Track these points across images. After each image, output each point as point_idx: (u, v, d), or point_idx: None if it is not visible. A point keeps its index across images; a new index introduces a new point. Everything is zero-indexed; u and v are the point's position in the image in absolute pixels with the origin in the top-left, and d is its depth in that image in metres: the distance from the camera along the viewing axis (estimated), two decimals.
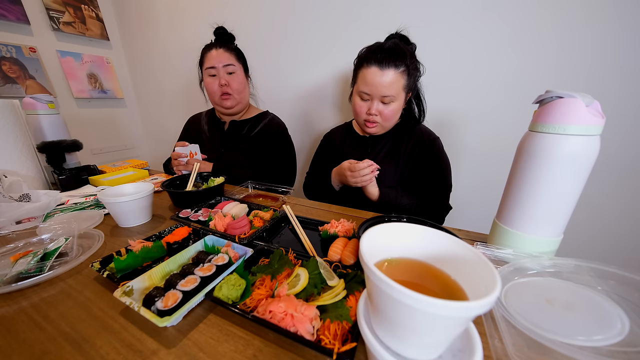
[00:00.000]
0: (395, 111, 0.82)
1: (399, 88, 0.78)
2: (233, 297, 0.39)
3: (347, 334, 0.33)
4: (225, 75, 1.07)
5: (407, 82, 0.79)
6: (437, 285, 0.28)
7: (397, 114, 0.84)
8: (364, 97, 0.83)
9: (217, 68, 1.05)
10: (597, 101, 0.41)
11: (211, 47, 1.07)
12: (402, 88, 0.78)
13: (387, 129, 0.90)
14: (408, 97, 0.85)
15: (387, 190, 0.82)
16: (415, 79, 0.82)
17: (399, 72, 0.76)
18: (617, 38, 0.82)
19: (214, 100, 1.12)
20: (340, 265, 0.47)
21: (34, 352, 0.33)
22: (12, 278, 0.45)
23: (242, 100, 1.14)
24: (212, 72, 1.06)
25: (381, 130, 0.89)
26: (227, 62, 1.06)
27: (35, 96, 1.01)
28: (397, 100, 0.80)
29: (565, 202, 0.46)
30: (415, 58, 0.80)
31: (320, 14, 1.26)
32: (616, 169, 0.91)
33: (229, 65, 1.07)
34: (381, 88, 0.77)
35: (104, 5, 1.95)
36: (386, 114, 0.81)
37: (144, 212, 0.69)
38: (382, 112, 0.82)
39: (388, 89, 0.77)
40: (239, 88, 1.10)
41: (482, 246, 0.53)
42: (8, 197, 0.70)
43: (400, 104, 0.82)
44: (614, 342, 0.31)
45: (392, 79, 0.76)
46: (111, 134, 2.15)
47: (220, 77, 1.06)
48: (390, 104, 0.80)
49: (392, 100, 0.79)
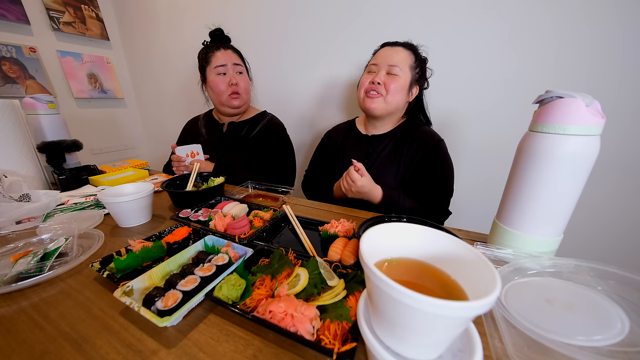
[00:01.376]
0: (399, 87, 0.83)
1: (407, 64, 0.82)
2: (233, 297, 0.39)
3: (347, 334, 0.33)
4: (236, 75, 1.07)
5: (415, 65, 0.84)
6: (437, 285, 0.28)
7: (400, 93, 0.84)
8: (372, 69, 0.87)
9: (227, 66, 1.04)
10: (597, 101, 0.41)
11: (217, 47, 1.06)
12: (410, 67, 0.82)
13: (389, 108, 0.86)
14: (414, 91, 0.87)
15: (391, 192, 0.81)
16: (421, 76, 0.86)
17: (408, 52, 0.83)
18: (617, 37, 0.82)
19: (221, 99, 1.08)
20: (340, 265, 0.47)
21: (34, 352, 0.33)
22: (12, 278, 0.45)
23: (247, 101, 1.15)
24: (221, 71, 1.05)
25: (382, 107, 0.86)
26: (236, 61, 1.07)
27: (35, 96, 1.01)
28: (402, 75, 0.82)
29: (565, 202, 0.46)
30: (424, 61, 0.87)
31: (320, 13, 1.26)
32: (616, 168, 0.91)
33: (238, 65, 1.07)
34: (389, 58, 0.83)
35: (104, 5, 1.95)
36: (390, 86, 0.82)
37: (144, 212, 0.69)
38: (386, 84, 0.83)
39: (396, 59, 0.82)
40: (246, 88, 1.11)
41: (482, 246, 0.53)
42: (8, 197, 0.70)
43: (405, 84, 0.83)
44: (614, 342, 0.31)
45: (401, 54, 0.82)
46: (111, 134, 2.15)
47: (230, 76, 1.05)
48: (395, 78, 0.82)
49: (398, 73, 0.82)
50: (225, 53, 1.05)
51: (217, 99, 1.10)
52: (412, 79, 0.85)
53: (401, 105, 0.88)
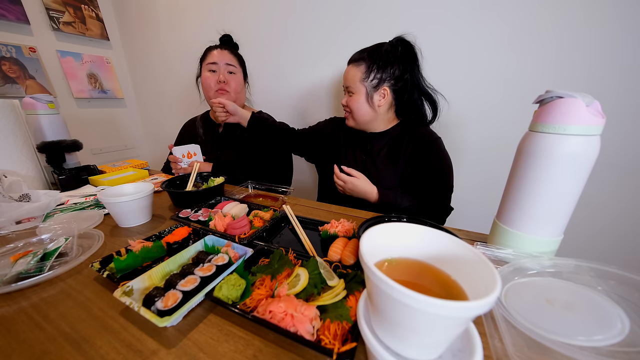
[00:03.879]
0: (358, 105, 0.88)
1: (356, 80, 0.86)
2: (233, 297, 0.39)
3: (347, 334, 0.33)
4: (226, 73, 1.07)
5: (366, 75, 0.84)
6: (437, 285, 0.28)
7: (362, 107, 0.88)
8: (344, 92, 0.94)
9: (218, 64, 1.05)
10: (597, 101, 0.41)
11: (215, 46, 1.08)
12: (360, 80, 0.85)
13: (359, 123, 0.93)
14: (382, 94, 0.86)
15: (387, 192, 0.82)
16: (382, 78, 0.85)
17: (355, 67, 0.86)
18: (617, 37, 0.82)
19: (208, 95, 1.09)
20: (340, 265, 0.47)
21: (34, 352, 0.33)
22: (12, 278, 0.45)
23: (237, 101, 1.14)
24: (212, 68, 1.06)
25: (353, 123, 0.95)
26: (229, 61, 1.07)
27: (35, 96, 1.00)
28: (356, 92, 0.87)
29: (565, 202, 0.45)
30: (380, 60, 0.84)
31: (321, 12, 1.26)
32: (616, 168, 0.91)
33: (231, 65, 1.08)
34: (344, 80, 0.91)
35: (104, 5, 1.95)
36: (351, 106, 0.90)
37: (144, 212, 0.69)
38: (348, 104, 0.91)
39: (347, 80, 0.89)
40: (237, 88, 1.11)
41: (482, 246, 0.53)
42: (8, 197, 0.70)
43: (361, 98, 0.87)
44: (614, 342, 0.31)
45: (350, 72, 0.88)
46: (111, 134, 2.15)
47: (220, 73, 1.06)
48: (352, 97, 0.89)
49: (353, 90, 0.88)
50: (221, 52, 1.07)
51: (206, 95, 1.11)
52: (369, 89, 0.85)
53: (370, 115, 0.89)
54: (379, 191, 0.82)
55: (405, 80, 0.86)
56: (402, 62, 0.84)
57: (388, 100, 0.88)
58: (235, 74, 1.10)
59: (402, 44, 0.85)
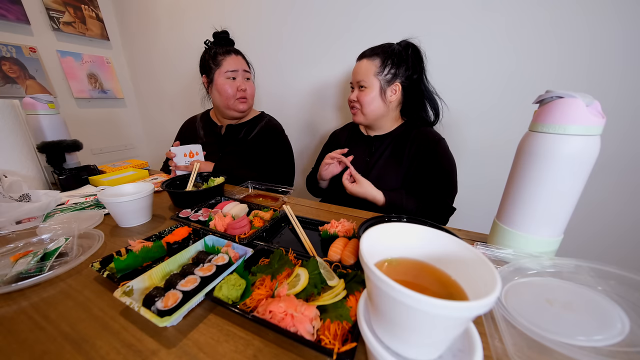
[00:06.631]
0: (369, 99, 0.87)
1: (370, 73, 0.86)
2: (233, 297, 0.39)
3: (347, 334, 0.33)
4: (245, 81, 1.11)
5: (380, 70, 0.85)
6: (437, 285, 0.28)
7: (373, 102, 0.88)
8: (351, 86, 0.94)
9: (238, 72, 1.08)
10: (597, 101, 0.41)
11: (228, 52, 1.09)
12: (374, 74, 0.85)
13: (369, 118, 0.92)
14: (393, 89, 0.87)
15: (393, 196, 0.82)
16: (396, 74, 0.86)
17: (370, 60, 0.86)
18: (617, 38, 0.82)
19: (228, 103, 1.09)
20: (340, 265, 0.47)
21: (34, 352, 0.33)
22: (12, 278, 0.45)
23: (252, 105, 1.19)
24: (232, 76, 1.08)
25: (362, 119, 0.94)
26: (246, 68, 1.11)
27: (35, 96, 1.00)
28: (369, 86, 0.87)
29: (565, 202, 0.45)
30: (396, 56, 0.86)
31: (321, 12, 1.26)
32: (616, 168, 0.91)
33: (247, 71, 1.12)
34: (356, 74, 0.89)
35: (104, 5, 1.95)
36: (362, 101, 0.89)
37: (144, 212, 0.69)
38: (359, 99, 0.89)
39: (360, 74, 0.88)
40: (252, 94, 1.15)
41: (482, 246, 0.53)
42: (8, 197, 0.70)
43: (374, 93, 0.87)
44: (614, 342, 0.31)
45: (363, 66, 0.87)
46: (111, 134, 2.15)
47: (240, 81, 1.09)
48: (364, 91, 0.88)
49: (365, 85, 0.87)
50: (237, 59, 1.09)
51: (224, 102, 1.10)
52: (382, 83, 0.86)
53: (382, 110, 0.90)
54: (385, 195, 0.82)
55: (413, 80, 0.88)
56: (412, 63, 0.87)
57: (398, 97, 0.89)
58: (250, 79, 1.14)
59: (411, 47, 0.87)
